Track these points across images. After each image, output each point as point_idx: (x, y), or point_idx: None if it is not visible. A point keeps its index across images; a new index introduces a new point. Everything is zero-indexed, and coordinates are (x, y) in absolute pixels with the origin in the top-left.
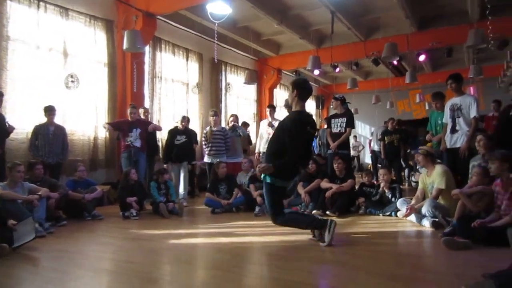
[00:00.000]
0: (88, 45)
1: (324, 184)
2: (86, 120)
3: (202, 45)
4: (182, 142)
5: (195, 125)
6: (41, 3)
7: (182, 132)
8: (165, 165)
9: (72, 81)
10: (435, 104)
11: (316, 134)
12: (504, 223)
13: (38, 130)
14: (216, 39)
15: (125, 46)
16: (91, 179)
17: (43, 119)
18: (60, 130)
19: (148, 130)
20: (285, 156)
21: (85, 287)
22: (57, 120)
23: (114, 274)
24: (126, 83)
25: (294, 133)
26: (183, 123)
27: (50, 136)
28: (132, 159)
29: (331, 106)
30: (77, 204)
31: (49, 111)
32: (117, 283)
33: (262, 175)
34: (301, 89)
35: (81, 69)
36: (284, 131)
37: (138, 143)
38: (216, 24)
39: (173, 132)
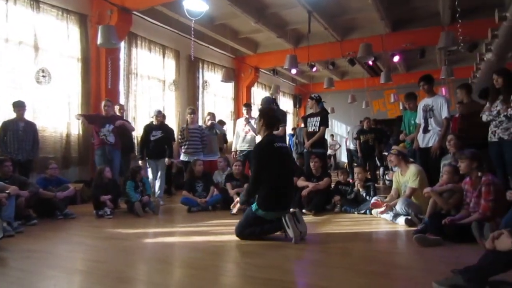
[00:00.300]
0: (60, 40)
1: (301, 182)
2: (58, 116)
3: (179, 42)
4: (158, 138)
5: (171, 123)
6: None
7: (158, 128)
8: (140, 162)
9: (44, 76)
10: (408, 104)
11: (293, 133)
12: (473, 220)
13: (7, 126)
14: (192, 36)
15: (99, 41)
16: (63, 177)
17: (12, 115)
18: (31, 126)
19: (116, 125)
20: (262, 183)
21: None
22: (28, 116)
23: (86, 274)
24: (100, 79)
25: (258, 157)
26: (158, 118)
27: (19, 132)
28: (107, 157)
29: (308, 106)
30: (48, 203)
31: (19, 106)
32: (88, 284)
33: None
34: (267, 118)
35: (53, 64)
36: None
37: (112, 139)
38: (193, 21)
39: (148, 128)
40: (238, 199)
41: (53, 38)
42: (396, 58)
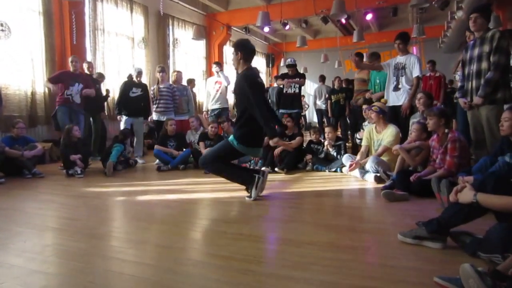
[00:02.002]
0: None
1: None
2: (22, 74)
3: None
4: (138, 95)
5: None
6: None
7: (137, 85)
8: (118, 117)
9: (2, 30)
10: (373, 64)
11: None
12: (438, 176)
13: None
14: None
15: None
16: (30, 136)
17: None
18: None
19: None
20: (252, 118)
21: (25, 243)
22: None
23: (57, 230)
24: (65, 34)
25: (255, 87)
26: (138, 78)
27: None
28: (70, 116)
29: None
30: (15, 162)
31: None
32: (60, 239)
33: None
34: (244, 49)
35: (12, 17)
36: (241, 93)
37: (77, 99)
38: None
39: (128, 84)
40: None
41: None
42: (369, 17)
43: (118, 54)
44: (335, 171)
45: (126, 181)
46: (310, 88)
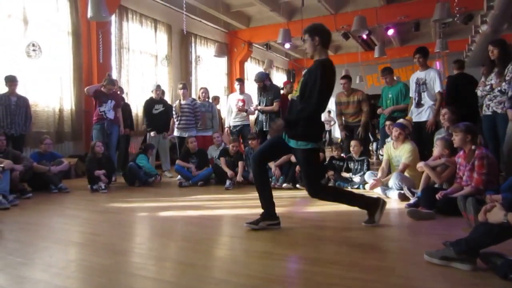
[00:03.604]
0: (50, 12)
1: (293, 157)
2: (50, 91)
3: (170, 16)
4: (160, 111)
5: (165, 98)
6: None
7: (159, 102)
8: (152, 133)
9: (34, 50)
10: (385, 79)
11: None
12: (466, 193)
13: None
14: (184, 9)
15: (89, 14)
16: (57, 152)
17: (4, 89)
18: (23, 101)
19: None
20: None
21: (50, 258)
22: (19, 90)
23: (81, 246)
24: (92, 53)
25: (325, 76)
26: (157, 92)
27: (12, 107)
28: (106, 132)
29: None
30: (42, 177)
31: (11, 81)
32: (84, 255)
33: (292, 143)
34: (322, 34)
35: (43, 38)
36: (311, 79)
37: (111, 115)
38: None
39: (150, 102)
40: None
41: (42, 11)
42: (390, 32)
43: (142, 71)
44: (358, 187)
45: (148, 196)
46: (332, 103)
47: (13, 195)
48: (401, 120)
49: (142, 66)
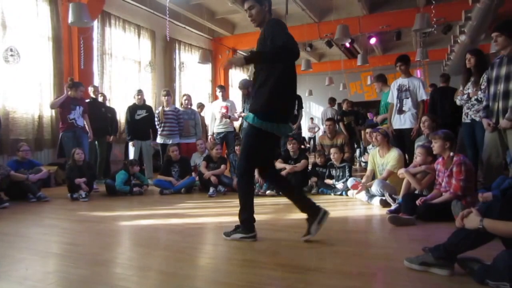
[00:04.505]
0: (29, 17)
1: (278, 164)
2: (29, 97)
3: (154, 22)
4: (143, 117)
5: (148, 104)
6: None
7: (141, 107)
8: (131, 142)
9: (12, 55)
10: (379, 86)
11: None
12: (445, 199)
13: None
14: (167, 15)
15: (70, 19)
16: (36, 160)
17: None
18: None
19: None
20: (279, 81)
21: (27, 271)
22: None
23: (60, 257)
24: (73, 59)
25: (283, 27)
26: (139, 97)
27: None
28: (77, 140)
29: None
30: (20, 186)
31: None
32: (62, 266)
33: (247, 117)
34: (269, 1)
35: (22, 43)
36: (269, 31)
37: (81, 122)
38: (168, 1)
39: (132, 108)
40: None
41: (22, 16)
42: (372, 40)
43: (125, 77)
44: (341, 194)
45: (130, 205)
46: (315, 110)
47: None
48: (381, 127)
49: (125, 72)
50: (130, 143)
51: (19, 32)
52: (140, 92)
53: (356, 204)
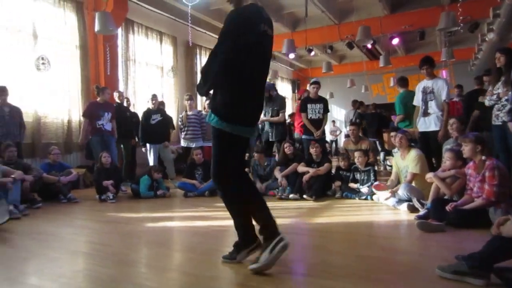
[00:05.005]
0: (58, 27)
1: (301, 168)
2: (59, 103)
3: (175, 28)
4: (158, 121)
5: (171, 109)
6: None
7: (156, 111)
8: (143, 149)
9: (43, 63)
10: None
11: (291, 120)
12: (477, 205)
13: None
14: (189, 22)
15: (96, 28)
16: (66, 162)
17: (16, 101)
18: (16, 111)
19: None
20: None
21: (60, 269)
22: (28, 102)
23: (89, 256)
24: (99, 66)
25: (234, 29)
26: (153, 101)
27: (6, 117)
28: (105, 143)
29: (310, 90)
30: (52, 187)
31: (1, 91)
32: (92, 265)
33: (210, 118)
34: None
35: (51, 51)
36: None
37: (108, 127)
38: (189, 7)
39: (147, 113)
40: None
41: (51, 26)
42: (395, 41)
43: (148, 83)
44: (365, 198)
45: (155, 207)
46: (337, 113)
47: (24, 205)
48: (403, 129)
49: (148, 78)
50: (143, 149)
51: (49, 42)
52: (154, 96)
53: (382, 208)
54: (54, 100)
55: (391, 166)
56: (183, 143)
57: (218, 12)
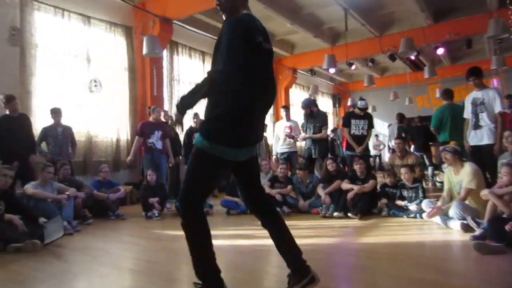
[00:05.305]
0: (109, 51)
1: (345, 185)
2: (109, 123)
3: None
4: None
5: None
6: (66, 12)
7: (198, 130)
8: (186, 166)
9: (95, 85)
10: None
11: (333, 135)
12: None
13: (47, 132)
14: None
15: (144, 51)
16: (114, 180)
17: (70, 122)
18: (68, 130)
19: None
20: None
21: (110, 285)
22: (81, 122)
23: (137, 273)
24: (146, 86)
25: (233, 41)
26: (195, 120)
27: (59, 137)
28: (155, 162)
29: (355, 105)
30: (102, 204)
31: (55, 112)
32: (140, 282)
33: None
34: None
35: (103, 74)
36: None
37: (159, 145)
38: None
39: (189, 131)
40: None
41: (103, 50)
42: (440, 51)
43: None
44: (414, 217)
45: None
46: (380, 127)
47: (76, 221)
48: (449, 145)
49: None
50: (186, 167)
51: (101, 65)
52: (196, 115)
53: (432, 228)
54: (104, 120)
55: (441, 182)
56: None
57: None
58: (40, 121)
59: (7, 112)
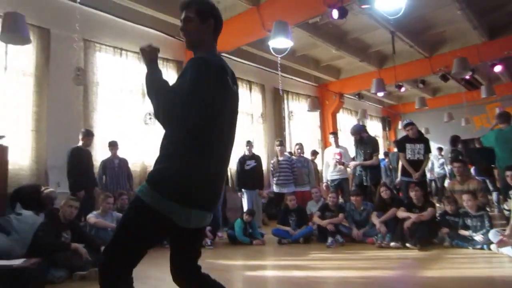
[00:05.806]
0: None
1: (401, 213)
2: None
3: (264, 76)
4: (252, 167)
5: (261, 153)
6: (123, 52)
7: (250, 157)
8: (239, 193)
9: (150, 118)
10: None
11: (385, 158)
12: None
13: (105, 164)
14: (279, 71)
15: None
16: None
17: (126, 154)
18: (124, 162)
19: None
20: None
21: None
22: (137, 154)
23: None
24: None
25: (196, 80)
26: (248, 147)
27: (116, 169)
28: None
29: (406, 129)
30: None
31: (113, 145)
32: None
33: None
34: (217, 18)
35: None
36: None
37: None
38: (279, 58)
39: (242, 158)
40: None
41: None
42: (497, 68)
43: (240, 130)
44: (481, 248)
45: (251, 254)
46: (434, 150)
47: None
48: None
49: (240, 125)
50: (239, 194)
51: None
52: (249, 143)
53: (503, 260)
54: (156, 151)
55: (509, 210)
56: (275, 189)
57: (304, 57)
58: (100, 154)
59: (79, 145)
